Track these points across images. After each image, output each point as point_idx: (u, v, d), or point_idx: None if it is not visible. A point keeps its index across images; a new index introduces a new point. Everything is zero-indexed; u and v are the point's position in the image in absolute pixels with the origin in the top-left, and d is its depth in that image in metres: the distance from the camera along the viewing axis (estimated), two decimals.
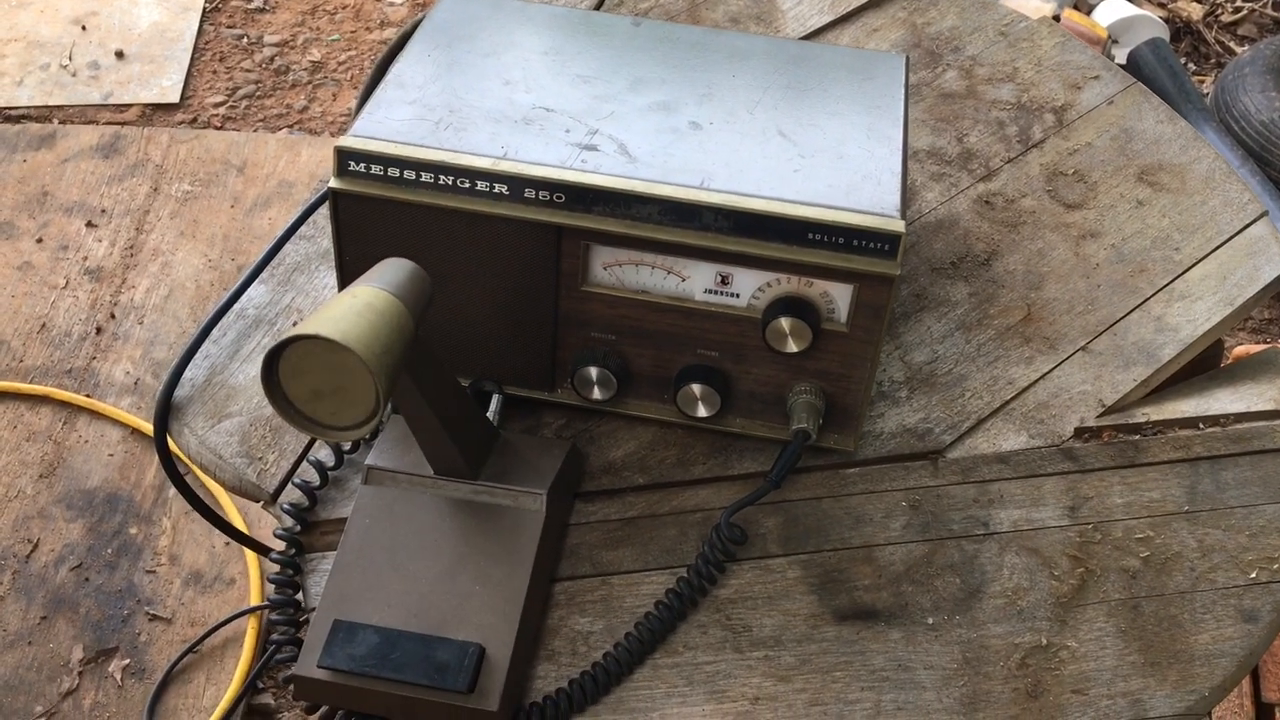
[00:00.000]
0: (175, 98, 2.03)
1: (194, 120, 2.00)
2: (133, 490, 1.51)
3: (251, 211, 1.83)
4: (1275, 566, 0.71)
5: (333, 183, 0.68)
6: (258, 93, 2.05)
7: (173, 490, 1.51)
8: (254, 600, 1.42)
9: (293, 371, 0.51)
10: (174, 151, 1.91)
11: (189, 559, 1.46)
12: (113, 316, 1.69)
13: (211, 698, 1.35)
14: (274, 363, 0.51)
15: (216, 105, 2.02)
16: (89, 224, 1.80)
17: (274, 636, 0.68)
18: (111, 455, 1.54)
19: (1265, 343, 1.71)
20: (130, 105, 2.01)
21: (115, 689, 1.35)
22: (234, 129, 1.99)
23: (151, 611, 1.41)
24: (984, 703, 0.66)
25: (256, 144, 1.93)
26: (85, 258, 1.76)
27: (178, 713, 1.34)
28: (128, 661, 1.37)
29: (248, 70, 2.08)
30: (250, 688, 1.36)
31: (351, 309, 0.50)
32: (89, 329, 1.67)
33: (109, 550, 1.46)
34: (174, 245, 1.78)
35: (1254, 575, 0.71)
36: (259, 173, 1.88)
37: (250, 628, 1.39)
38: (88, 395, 1.59)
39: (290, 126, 2.00)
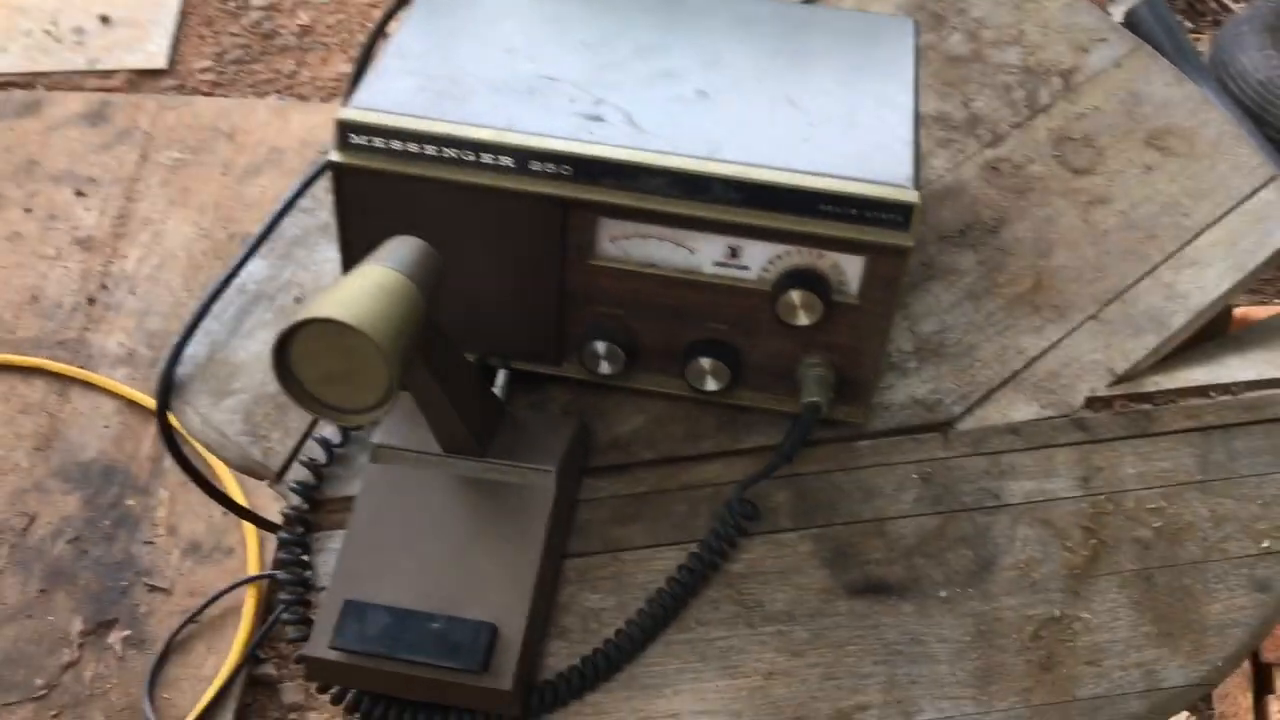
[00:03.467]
0: (162, 63, 1.99)
1: (181, 86, 1.97)
2: (129, 462, 1.50)
3: (243, 179, 1.81)
4: None
5: (334, 156, 0.67)
6: (246, 57, 2.02)
7: (169, 461, 1.50)
8: (252, 570, 1.41)
9: (304, 355, 0.50)
10: (162, 118, 1.88)
11: (187, 529, 1.45)
12: (104, 287, 1.67)
13: (212, 667, 1.35)
14: (285, 346, 0.50)
15: (204, 70, 1.99)
16: (78, 193, 1.78)
17: (284, 616, 0.68)
18: (107, 427, 1.53)
19: (1263, 303, 1.71)
20: (116, 71, 1.98)
21: (116, 660, 1.35)
22: (222, 95, 1.96)
23: (150, 582, 1.41)
24: (998, 675, 0.66)
25: (246, 110, 1.90)
26: (75, 227, 1.74)
27: (179, 683, 1.34)
28: (128, 633, 1.37)
29: (235, 34, 2.05)
30: (251, 657, 1.36)
31: (363, 290, 0.49)
32: (81, 300, 1.65)
33: (106, 522, 1.45)
34: (165, 214, 1.76)
35: (1266, 544, 0.71)
36: (249, 139, 1.86)
37: (250, 597, 1.39)
38: (81, 367, 1.57)
39: (279, 92, 1.97)
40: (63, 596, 1.39)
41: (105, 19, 2.06)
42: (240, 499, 1.44)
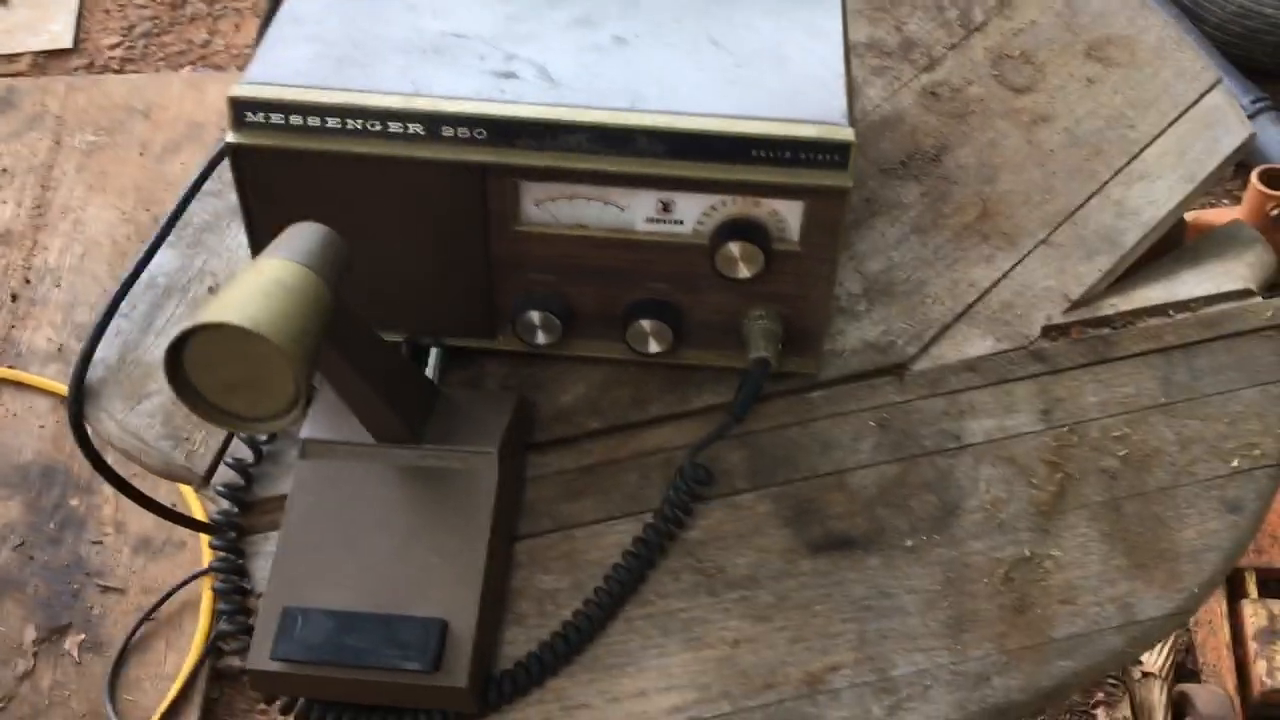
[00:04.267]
0: (68, 42, 1.91)
1: (90, 65, 1.89)
2: (69, 461, 1.45)
3: (162, 158, 1.74)
4: (1256, 452, 0.69)
5: (230, 137, 0.62)
6: (155, 30, 1.94)
7: (112, 455, 1.45)
8: (207, 562, 1.38)
9: (201, 362, 0.46)
10: (73, 100, 1.80)
11: (135, 526, 1.41)
12: (27, 281, 1.61)
13: (174, 664, 1.31)
14: (178, 355, 0.46)
15: (112, 47, 1.91)
16: None
17: (224, 627, 0.64)
18: (42, 426, 1.48)
19: (1212, 204, 1.70)
20: (20, 55, 1.90)
21: (73, 666, 1.31)
22: (134, 71, 1.88)
23: (102, 583, 1.36)
24: (971, 622, 0.64)
25: (160, 85, 1.83)
26: None
27: (141, 683, 1.30)
28: (83, 637, 1.33)
29: (142, 6, 1.97)
30: (214, 651, 1.33)
31: (259, 288, 0.45)
32: (3, 297, 1.59)
33: (51, 525, 1.40)
34: (84, 200, 1.69)
35: (1235, 464, 0.69)
36: (165, 116, 1.79)
37: (206, 590, 1.35)
38: (10, 367, 1.52)
39: (193, 63, 1.90)
40: (12, 605, 1.34)
41: (3, 0, 1.97)
42: (189, 496, 1.40)
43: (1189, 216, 0.89)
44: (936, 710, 0.61)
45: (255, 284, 0.46)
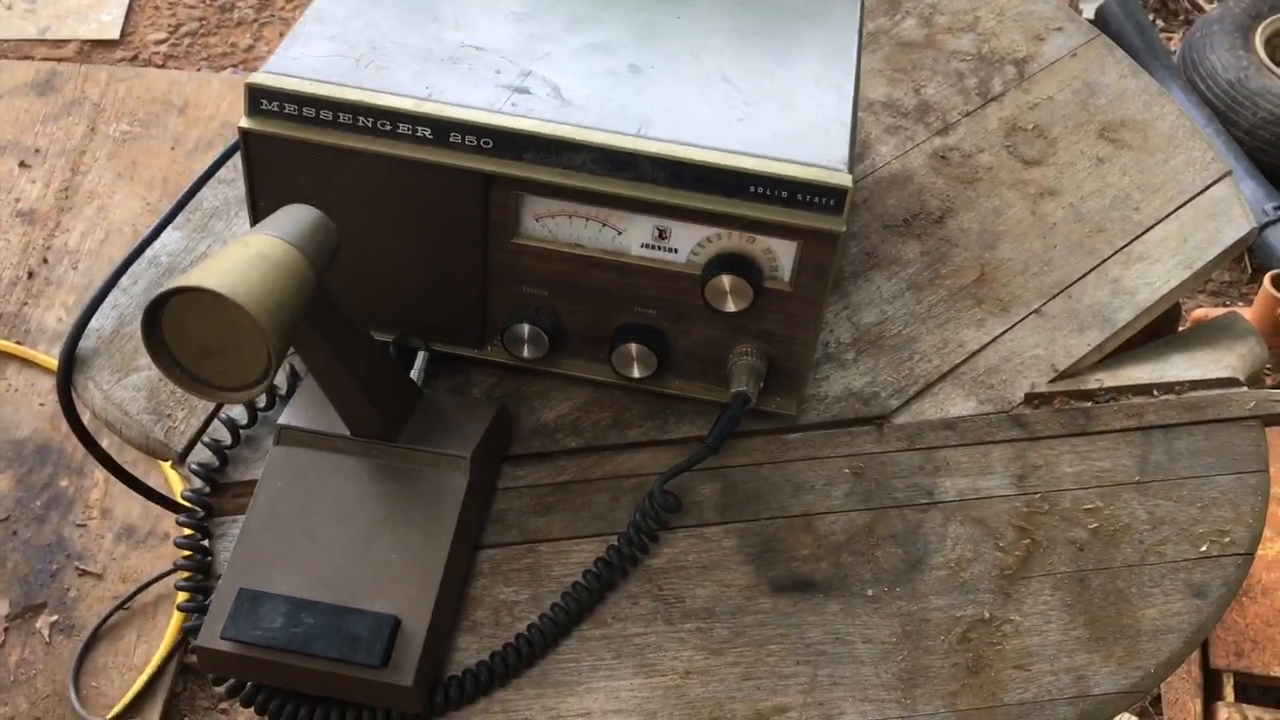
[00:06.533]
0: (115, 34, 1.95)
1: (134, 58, 1.92)
2: (64, 441, 1.46)
3: (193, 154, 1.77)
4: (1226, 539, 0.69)
5: (243, 122, 0.64)
6: (201, 30, 1.97)
7: (106, 440, 1.46)
8: None
9: (178, 327, 0.47)
10: (112, 90, 1.84)
11: (121, 513, 1.41)
12: (45, 260, 1.63)
13: (143, 656, 1.31)
14: (156, 316, 0.46)
15: (158, 43, 1.95)
16: (22, 164, 1.73)
17: (180, 604, 0.64)
18: (42, 405, 1.49)
19: (1225, 305, 1.70)
20: (68, 41, 1.94)
21: (43, 645, 1.31)
22: (176, 68, 1.92)
23: (82, 567, 1.37)
24: (923, 678, 0.64)
25: (199, 84, 1.86)
26: (17, 199, 1.69)
27: (107, 670, 1.30)
28: (56, 618, 1.33)
29: (191, 6, 2.01)
30: (183, 646, 1.33)
31: (242, 259, 0.46)
32: (20, 273, 1.61)
33: (38, 503, 1.41)
34: (111, 187, 1.71)
35: (1204, 548, 0.69)
36: (201, 114, 1.81)
37: None
38: (18, 342, 1.53)
39: (235, 66, 1.93)
40: None
41: None
42: (170, 487, 1.40)
43: (1197, 313, 0.89)
44: None
45: (239, 255, 0.46)
